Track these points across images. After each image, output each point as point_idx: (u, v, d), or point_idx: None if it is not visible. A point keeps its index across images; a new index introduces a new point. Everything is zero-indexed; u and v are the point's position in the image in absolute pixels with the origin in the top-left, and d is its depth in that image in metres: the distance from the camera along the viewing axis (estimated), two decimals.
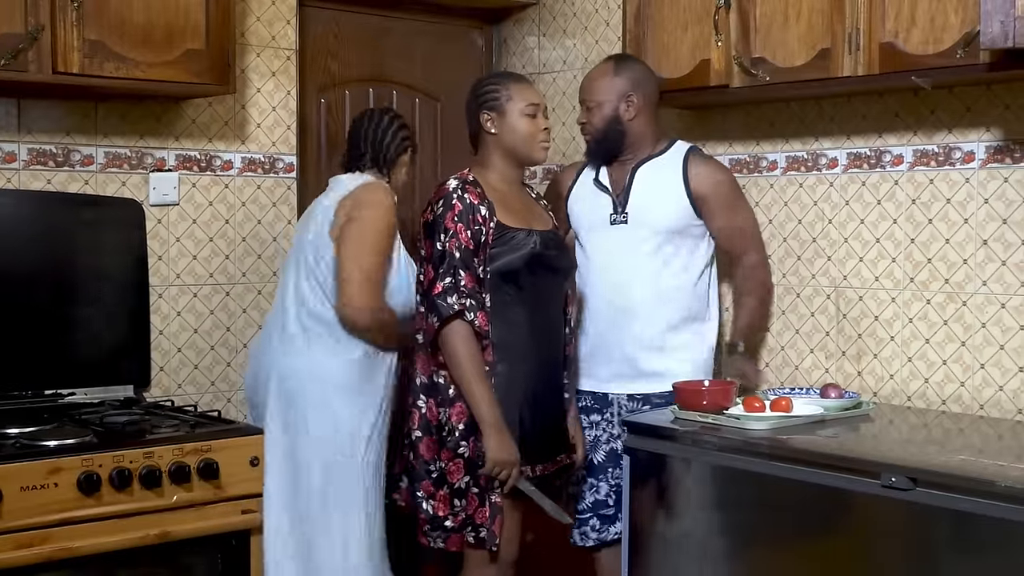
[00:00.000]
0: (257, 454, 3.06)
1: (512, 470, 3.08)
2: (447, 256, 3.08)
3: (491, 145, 3.25)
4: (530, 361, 3.19)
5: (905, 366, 3.41)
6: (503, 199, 3.20)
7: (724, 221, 3.50)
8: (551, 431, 3.29)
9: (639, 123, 3.49)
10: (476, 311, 3.07)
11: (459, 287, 3.06)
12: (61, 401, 3.37)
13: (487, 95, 3.25)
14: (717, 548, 3.04)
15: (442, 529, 3.13)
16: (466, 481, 3.10)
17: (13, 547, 2.69)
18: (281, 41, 3.92)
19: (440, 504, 3.12)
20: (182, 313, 3.74)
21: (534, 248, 3.16)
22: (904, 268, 3.41)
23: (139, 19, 3.22)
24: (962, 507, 2.48)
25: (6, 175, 3.41)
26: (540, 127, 3.23)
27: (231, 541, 3.02)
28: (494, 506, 3.10)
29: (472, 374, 3.05)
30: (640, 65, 3.56)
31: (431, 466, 3.13)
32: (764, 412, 3.06)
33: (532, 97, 3.25)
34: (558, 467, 3.31)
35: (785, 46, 3.28)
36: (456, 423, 3.09)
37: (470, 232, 3.09)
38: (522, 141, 3.23)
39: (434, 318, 3.07)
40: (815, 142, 3.63)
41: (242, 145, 3.85)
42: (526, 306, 3.17)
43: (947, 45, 2.94)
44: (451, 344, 3.07)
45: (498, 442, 3.05)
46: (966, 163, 3.28)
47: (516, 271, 3.14)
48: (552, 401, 3.29)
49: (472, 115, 3.29)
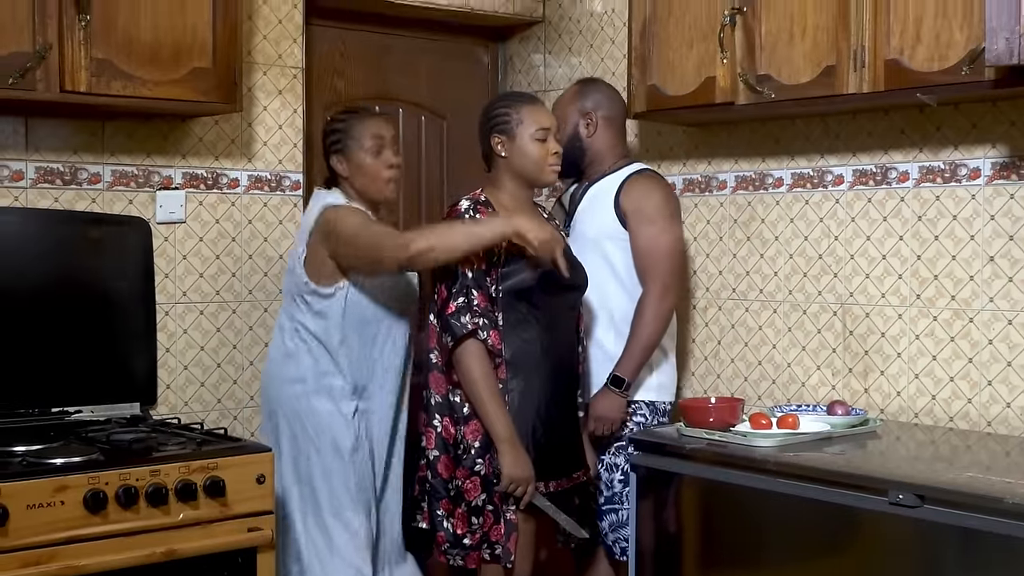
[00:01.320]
0: (264, 472, 3.05)
1: (527, 486, 3.09)
2: (459, 276, 3.11)
3: (502, 167, 3.28)
4: (544, 378, 3.20)
5: (912, 383, 3.40)
6: None
7: (636, 237, 3.53)
8: (566, 447, 3.29)
9: (598, 141, 3.60)
10: (489, 330, 3.10)
11: (472, 307, 3.08)
12: (67, 419, 3.36)
13: (498, 118, 3.27)
14: (722, 565, 3.03)
15: (461, 547, 3.14)
16: (483, 499, 3.11)
17: (19, 565, 2.68)
18: (287, 59, 3.94)
19: (458, 522, 3.13)
20: (189, 331, 3.75)
21: (545, 267, 3.17)
22: (911, 285, 3.41)
23: (146, 38, 3.23)
24: (970, 524, 2.48)
25: (14, 193, 3.42)
26: (550, 151, 3.25)
27: (238, 559, 3.00)
28: (509, 523, 3.11)
29: (486, 392, 3.08)
30: (605, 87, 3.73)
31: (449, 484, 3.15)
32: (771, 429, 3.05)
33: (543, 121, 3.26)
34: (573, 484, 3.31)
35: (790, 63, 3.28)
36: (472, 441, 3.11)
37: (482, 252, 3.11)
38: (532, 165, 3.24)
39: (448, 338, 3.10)
40: (821, 159, 3.63)
41: (248, 163, 3.86)
42: (539, 324, 3.19)
43: (952, 62, 2.94)
44: (465, 363, 3.09)
45: (513, 459, 3.07)
46: (972, 180, 3.28)
47: (528, 289, 3.17)
48: (566, 418, 3.30)
49: (483, 137, 3.31)
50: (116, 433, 3.19)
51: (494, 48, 4.69)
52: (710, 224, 3.94)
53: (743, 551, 2.98)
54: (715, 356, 3.93)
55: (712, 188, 3.93)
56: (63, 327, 3.40)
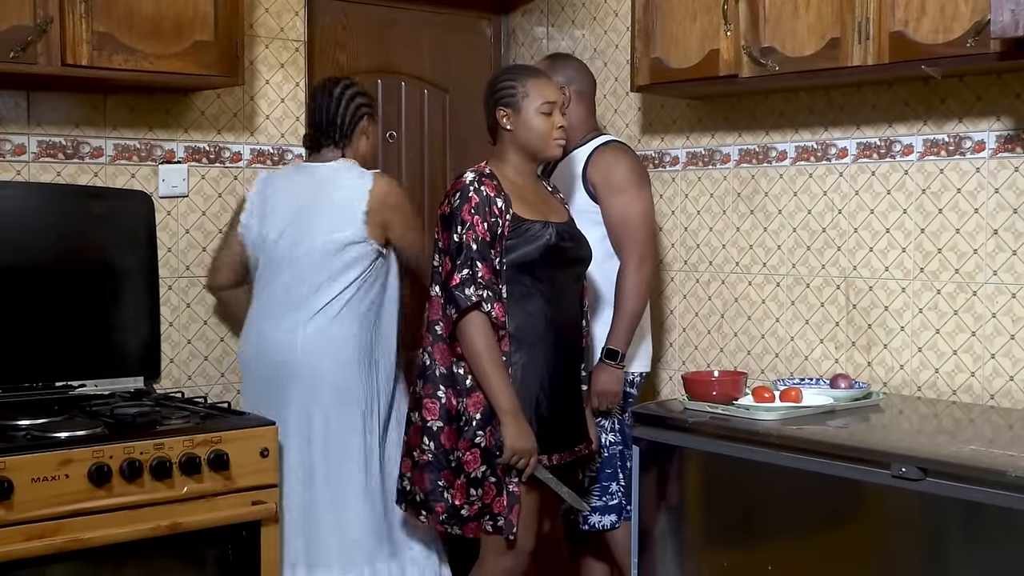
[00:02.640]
0: (267, 445, 3.06)
1: (530, 458, 3.10)
2: (464, 248, 3.10)
3: (507, 140, 3.27)
4: (547, 351, 3.20)
5: (915, 356, 3.40)
6: (519, 192, 3.22)
7: (607, 208, 3.53)
8: (569, 420, 3.30)
9: (571, 116, 3.53)
10: (493, 302, 3.10)
11: (476, 279, 3.08)
12: (71, 393, 3.38)
13: (503, 91, 3.26)
14: (726, 539, 3.04)
15: (458, 518, 3.15)
16: (483, 471, 3.11)
17: (24, 538, 2.69)
18: (289, 32, 3.92)
19: (457, 493, 3.14)
20: (192, 305, 3.75)
21: (550, 240, 3.18)
22: (914, 258, 3.41)
23: (148, 11, 3.22)
24: (972, 497, 2.48)
25: (16, 167, 3.41)
26: (555, 124, 3.24)
27: (242, 532, 3.02)
28: (511, 495, 3.12)
29: (489, 363, 3.08)
30: (575, 61, 3.76)
31: (451, 455, 3.15)
32: (774, 403, 3.05)
33: (549, 94, 3.25)
34: (576, 457, 3.32)
35: (794, 36, 3.27)
36: (473, 413, 3.12)
37: (486, 224, 3.11)
38: (537, 138, 3.24)
39: (452, 309, 3.10)
40: (825, 132, 3.62)
41: (251, 137, 3.86)
42: (543, 297, 3.19)
43: (957, 34, 2.92)
44: (468, 334, 3.09)
45: (516, 430, 3.08)
46: (976, 152, 3.27)
47: (532, 262, 3.17)
48: (569, 391, 3.30)
49: (489, 109, 3.30)
50: (120, 407, 3.20)
51: (497, 21, 4.67)
52: (713, 198, 3.93)
53: (746, 524, 2.98)
54: (718, 329, 3.93)
55: (716, 161, 3.92)
56: (66, 301, 3.41)
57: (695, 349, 4.00)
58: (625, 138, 4.10)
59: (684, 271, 4.03)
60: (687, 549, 3.14)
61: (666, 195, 4.07)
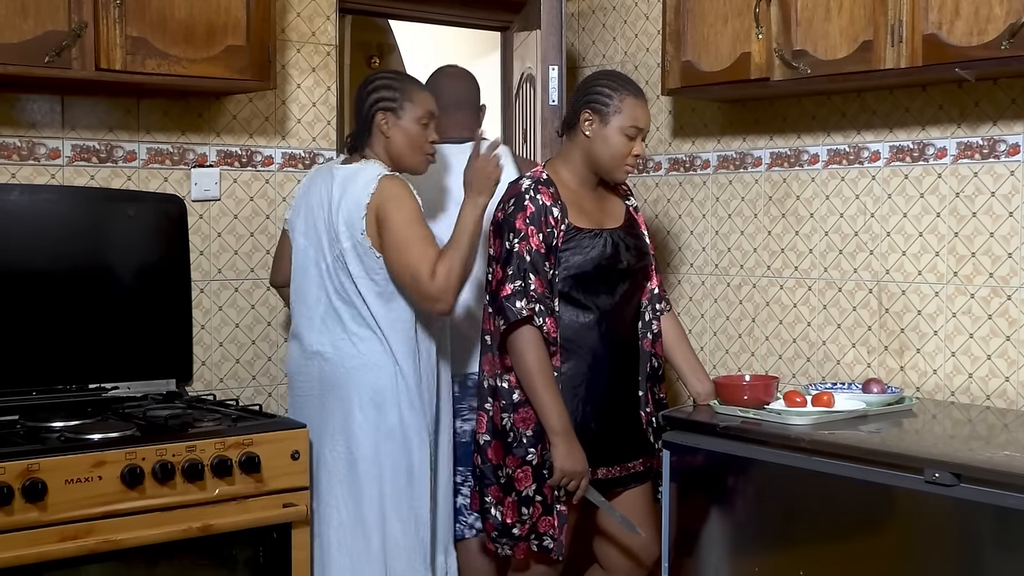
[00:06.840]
0: (298, 448, 3.07)
1: (580, 480, 3.02)
2: (516, 259, 3.00)
3: (579, 144, 3.14)
4: (600, 364, 3.11)
5: (948, 361, 3.38)
6: (576, 199, 3.13)
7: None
8: (622, 433, 3.21)
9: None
10: (545, 316, 3.00)
11: (528, 291, 2.98)
12: (104, 395, 3.40)
13: (598, 95, 3.11)
14: (757, 543, 3.02)
15: (510, 536, 3.09)
16: (532, 488, 3.05)
17: (58, 539, 2.71)
18: (321, 37, 3.94)
19: (508, 511, 3.07)
20: (224, 308, 3.77)
21: (604, 250, 3.10)
22: (948, 262, 3.38)
23: (180, 16, 3.24)
24: (1006, 503, 2.46)
25: (50, 171, 3.44)
26: (633, 151, 3.11)
27: (272, 534, 3.03)
28: (561, 515, 3.05)
29: (541, 382, 2.98)
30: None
31: (499, 471, 3.09)
32: (805, 407, 3.04)
33: (640, 119, 3.11)
34: (627, 472, 3.22)
35: (827, 38, 3.25)
36: (523, 430, 3.04)
37: (541, 235, 3.02)
38: (610, 158, 3.11)
39: (501, 321, 3.00)
40: (857, 135, 3.60)
41: (282, 140, 3.87)
42: (596, 308, 3.11)
43: (991, 36, 2.90)
44: (519, 350, 2.99)
45: (567, 451, 2.98)
46: (1011, 156, 3.24)
47: (585, 274, 3.08)
48: (624, 404, 3.21)
49: (574, 105, 3.16)
50: (152, 409, 3.21)
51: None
52: (744, 201, 3.92)
53: (777, 529, 2.97)
54: (749, 334, 3.91)
55: (747, 165, 3.91)
56: (100, 304, 3.43)
57: (726, 353, 3.99)
58: (656, 141, 4.09)
59: (715, 275, 4.01)
60: (718, 553, 3.13)
61: (697, 199, 4.06)
